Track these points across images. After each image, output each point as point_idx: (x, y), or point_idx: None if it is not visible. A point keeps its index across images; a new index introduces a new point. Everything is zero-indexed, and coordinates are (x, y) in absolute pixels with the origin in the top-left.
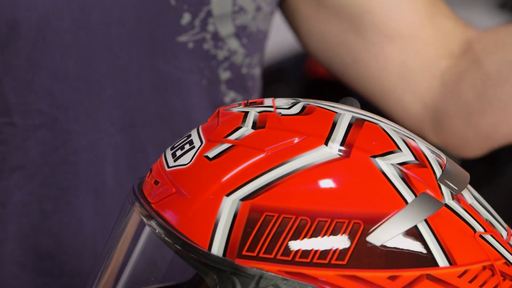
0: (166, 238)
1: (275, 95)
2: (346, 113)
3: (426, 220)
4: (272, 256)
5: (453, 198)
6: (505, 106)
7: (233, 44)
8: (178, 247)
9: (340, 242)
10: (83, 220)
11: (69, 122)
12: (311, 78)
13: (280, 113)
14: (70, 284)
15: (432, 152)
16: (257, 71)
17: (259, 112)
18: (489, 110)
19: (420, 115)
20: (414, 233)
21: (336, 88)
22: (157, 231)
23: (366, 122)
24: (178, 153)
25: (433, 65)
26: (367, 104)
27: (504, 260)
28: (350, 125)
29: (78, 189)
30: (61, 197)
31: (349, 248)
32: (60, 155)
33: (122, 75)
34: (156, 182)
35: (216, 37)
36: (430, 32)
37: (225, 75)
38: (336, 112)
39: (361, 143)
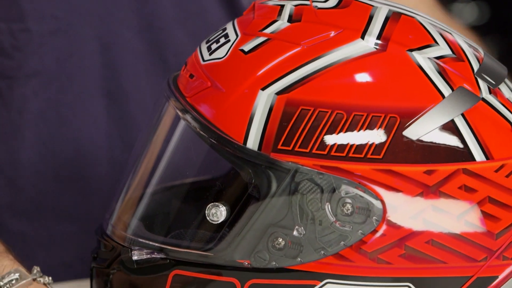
0: (201, 132)
1: None
2: (383, 7)
3: (463, 114)
4: (307, 150)
5: (490, 92)
6: None
7: None
8: (213, 141)
9: (376, 136)
10: (99, 125)
11: (83, 27)
12: None
13: (316, 6)
14: (87, 188)
15: (470, 46)
16: None
17: (295, 6)
18: None
19: None
20: (450, 127)
21: None
22: (192, 124)
23: (403, 15)
24: (213, 46)
25: None
26: None
27: None
28: (387, 19)
29: (94, 94)
30: (77, 102)
31: (385, 142)
32: (75, 60)
33: None
34: (191, 76)
35: None
36: None
37: None
38: (373, 6)
39: (398, 36)
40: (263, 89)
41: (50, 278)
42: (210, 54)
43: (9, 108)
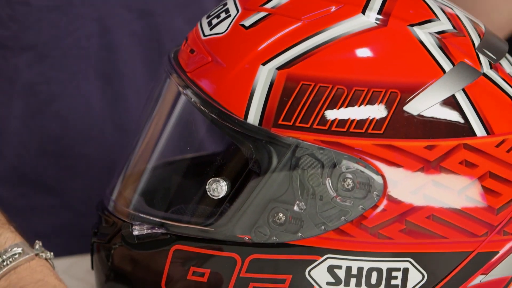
0: (202, 107)
1: None
2: None
3: (463, 90)
4: (308, 125)
5: (491, 67)
6: None
7: None
8: (214, 116)
9: (377, 111)
10: (91, 105)
11: (84, 6)
12: None
13: None
14: (73, 166)
15: (471, 21)
16: None
17: None
18: None
19: None
20: (451, 102)
21: None
22: (192, 100)
23: None
24: (214, 21)
25: None
26: None
27: None
28: None
29: (88, 74)
30: (70, 81)
31: (386, 117)
32: (72, 39)
33: None
34: (192, 51)
35: None
36: None
37: None
38: None
39: (399, 11)
40: (263, 64)
41: (52, 253)
42: (210, 29)
43: (1, 77)
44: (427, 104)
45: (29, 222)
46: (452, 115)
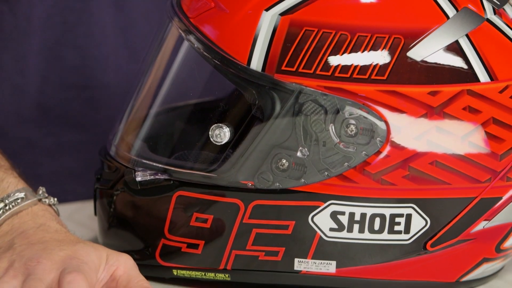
0: (205, 53)
1: None
2: None
3: (467, 35)
4: (311, 71)
5: (495, 13)
6: None
7: None
8: (217, 62)
9: (380, 57)
10: (106, 32)
11: None
12: None
13: None
14: (95, 96)
15: None
16: None
17: None
18: None
19: None
20: (455, 48)
21: None
22: (195, 45)
23: None
24: None
25: None
26: None
27: None
28: None
29: (100, 2)
30: (84, 9)
31: (389, 63)
32: None
33: None
34: None
35: None
36: None
37: None
38: None
39: None
40: (267, 10)
41: (56, 199)
42: None
43: (16, 14)
44: (430, 49)
45: (61, 161)
46: (456, 61)
